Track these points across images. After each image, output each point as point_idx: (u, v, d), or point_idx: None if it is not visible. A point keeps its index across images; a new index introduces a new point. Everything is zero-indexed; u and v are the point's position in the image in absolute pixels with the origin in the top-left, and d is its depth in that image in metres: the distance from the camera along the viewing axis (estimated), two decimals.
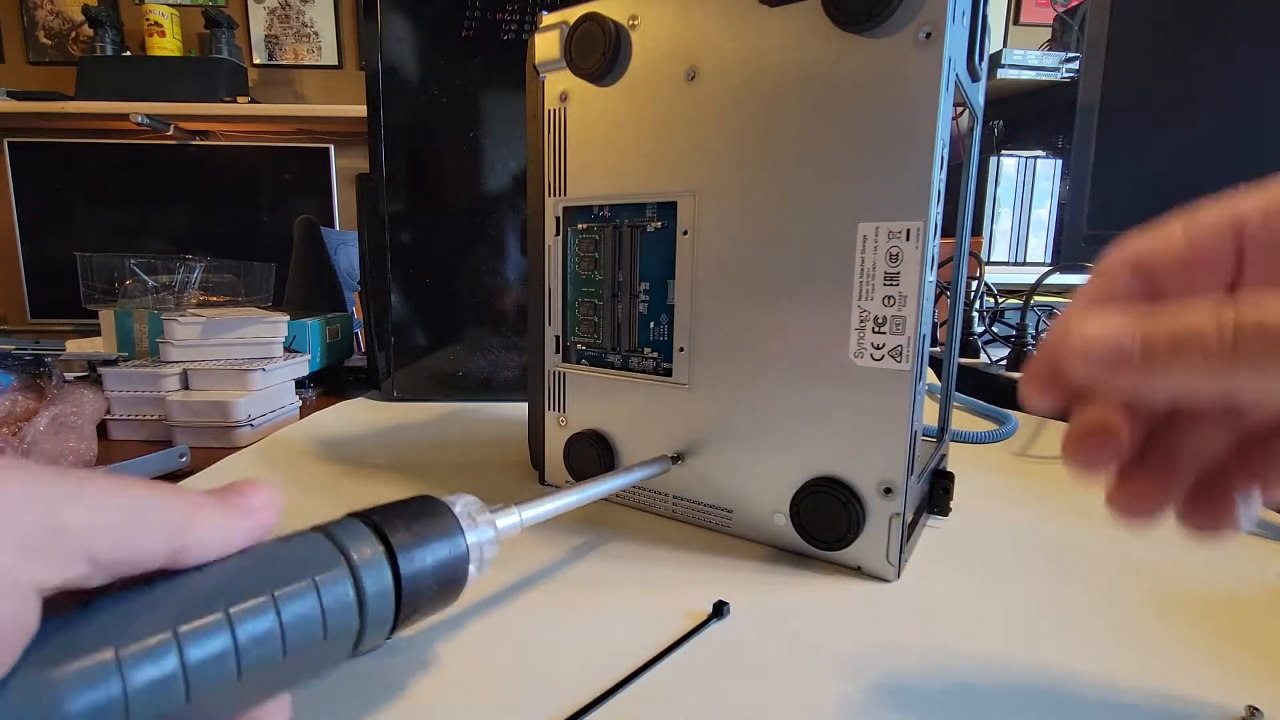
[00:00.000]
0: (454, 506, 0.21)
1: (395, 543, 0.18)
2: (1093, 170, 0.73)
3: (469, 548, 0.20)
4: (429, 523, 0.19)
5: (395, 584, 0.18)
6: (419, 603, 0.18)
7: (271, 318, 0.58)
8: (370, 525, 0.18)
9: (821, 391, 0.30)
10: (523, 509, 0.24)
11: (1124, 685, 0.22)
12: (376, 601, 0.17)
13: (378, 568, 0.17)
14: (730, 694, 0.22)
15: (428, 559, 0.19)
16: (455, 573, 0.20)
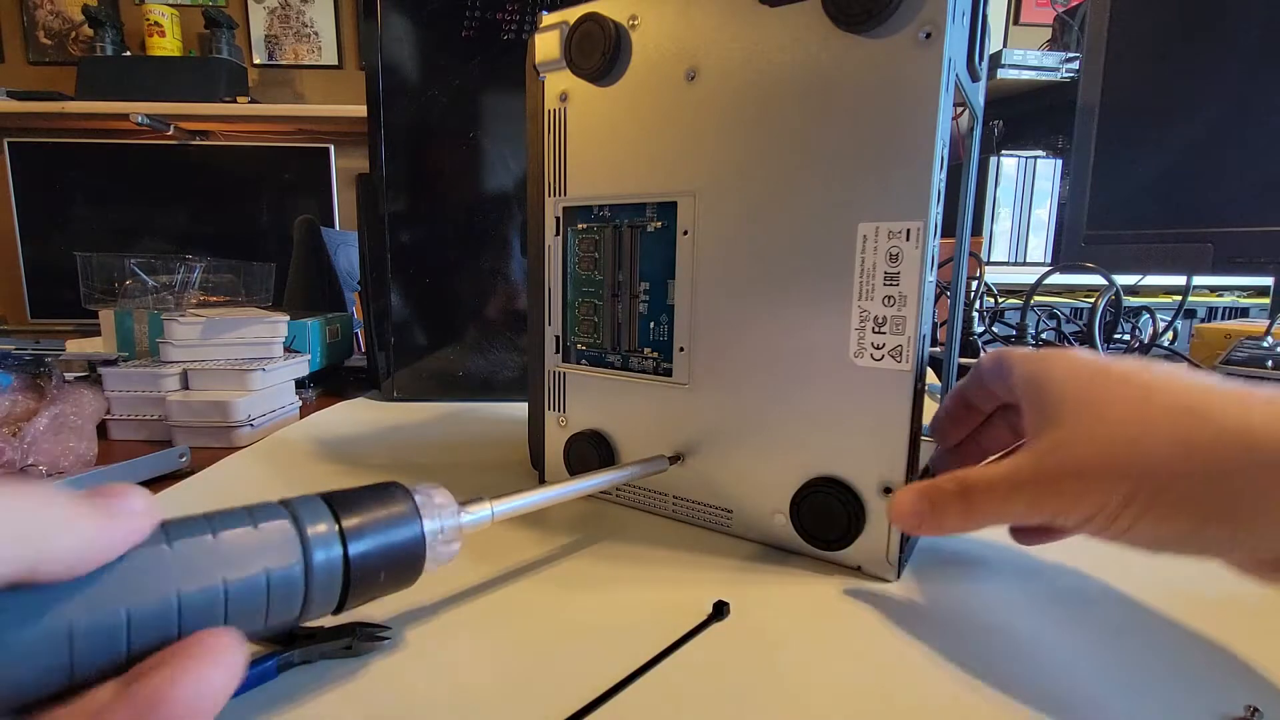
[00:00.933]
0: (415, 494, 0.22)
1: (346, 524, 0.19)
2: (1093, 170, 0.73)
3: (425, 534, 0.21)
4: (386, 508, 0.20)
5: (344, 562, 0.19)
6: (368, 583, 0.19)
7: (271, 318, 0.58)
8: (328, 504, 0.19)
9: (821, 391, 0.30)
10: (495, 503, 0.24)
11: (1124, 685, 0.22)
12: (322, 575, 0.18)
13: (328, 545, 0.18)
14: (730, 694, 0.22)
15: (379, 541, 0.20)
16: (408, 557, 0.21)
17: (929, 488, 0.25)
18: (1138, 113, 0.70)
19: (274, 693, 0.22)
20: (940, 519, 0.25)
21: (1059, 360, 0.24)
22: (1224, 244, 0.63)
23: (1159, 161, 0.68)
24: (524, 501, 0.26)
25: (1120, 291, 0.62)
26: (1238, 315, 1.58)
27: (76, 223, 1.93)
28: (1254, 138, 0.62)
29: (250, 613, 0.17)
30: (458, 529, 0.22)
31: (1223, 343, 0.58)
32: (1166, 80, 0.68)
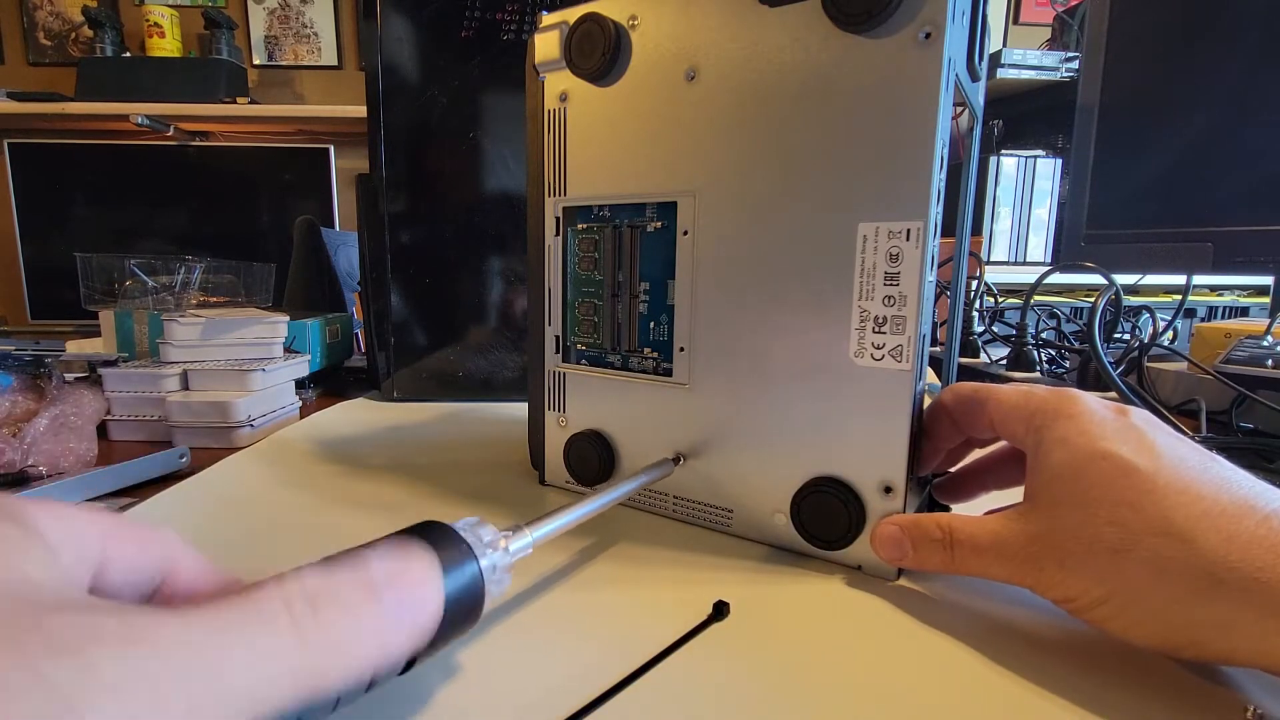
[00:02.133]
0: (463, 532, 0.20)
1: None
2: (1093, 170, 0.73)
3: (483, 573, 0.20)
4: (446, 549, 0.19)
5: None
6: (436, 636, 0.18)
7: (271, 318, 0.58)
8: None
9: (821, 391, 0.30)
10: (533, 528, 0.24)
11: (1124, 685, 0.22)
12: None
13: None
14: (730, 694, 0.22)
15: (450, 587, 0.18)
16: (472, 601, 0.19)
17: (915, 526, 0.27)
18: (1138, 113, 0.70)
19: None
20: (920, 560, 0.27)
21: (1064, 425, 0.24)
22: (1224, 244, 0.63)
23: (1159, 161, 0.68)
24: (560, 523, 0.26)
25: (1120, 291, 0.62)
26: (1238, 315, 1.58)
27: (76, 223, 1.93)
28: (1254, 138, 0.62)
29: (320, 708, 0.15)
30: (509, 564, 0.22)
31: (1223, 342, 0.58)
32: (1166, 80, 0.68)
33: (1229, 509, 0.20)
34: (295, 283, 0.89)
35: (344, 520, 0.36)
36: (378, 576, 0.15)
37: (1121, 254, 0.71)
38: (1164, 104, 0.68)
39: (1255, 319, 0.66)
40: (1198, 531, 0.20)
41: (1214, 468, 0.22)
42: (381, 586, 0.15)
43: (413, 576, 0.15)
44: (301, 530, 0.35)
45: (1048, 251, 1.57)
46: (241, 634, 0.12)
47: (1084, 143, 0.74)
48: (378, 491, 0.40)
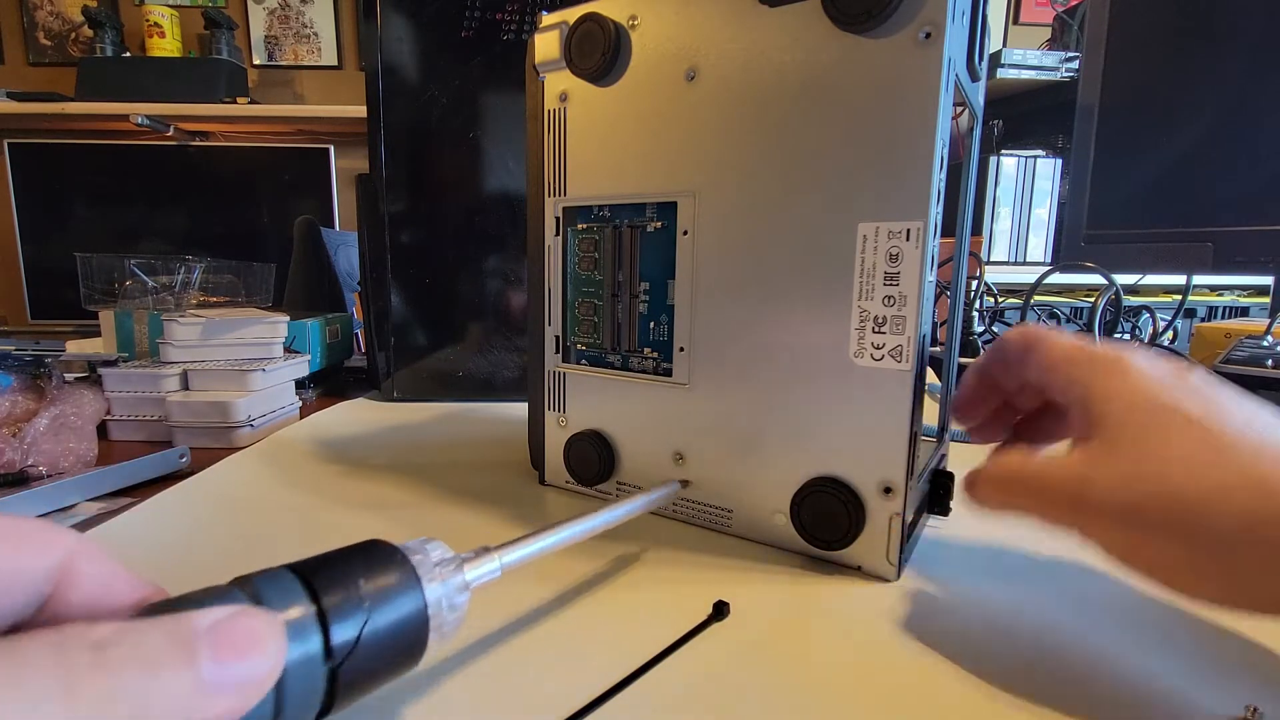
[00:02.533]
0: (411, 555, 0.17)
1: (326, 601, 0.15)
2: (1093, 170, 0.73)
3: (429, 605, 0.17)
4: (377, 576, 0.16)
5: (325, 650, 0.14)
6: (358, 676, 0.15)
7: (271, 318, 0.58)
8: (300, 578, 0.15)
9: (821, 391, 0.30)
10: (502, 553, 0.21)
11: (1124, 684, 0.22)
12: (298, 674, 0.14)
13: (305, 634, 0.14)
14: (730, 694, 0.22)
15: (373, 621, 0.15)
16: (408, 638, 0.16)
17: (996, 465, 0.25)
18: (1137, 113, 0.70)
19: None
20: (992, 493, 0.25)
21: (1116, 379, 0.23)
22: (1224, 244, 0.63)
23: (1159, 161, 0.68)
24: (534, 547, 0.23)
25: (1120, 291, 0.62)
26: (1238, 315, 1.58)
27: (76, 223, 1.93)
28: (1254, 138, 0.62)
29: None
30: (465, 588, 0.19)
31: (1223, 342, 0.58)
32: (1166, 80, 0.68)
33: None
34: (295, 283, 0.89)
35: (344, 520, 0.36)
36: (196, 626, 0.12)
37: (1121, 254, 0.71)
38: (1164, 104, 0.68)
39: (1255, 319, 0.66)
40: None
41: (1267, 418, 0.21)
42: (196, 639, 0.12)
43: (239, 630, 0.13)
44: (302, 530, 0.35)
45: (1048, 251, 1.57)
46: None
47: (1084, 143, 0.74)
48: (378, 491, 0.40)
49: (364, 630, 0.15)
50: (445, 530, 0.35)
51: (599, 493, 0.39)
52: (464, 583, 0.19)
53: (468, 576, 0.19)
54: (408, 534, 0.34)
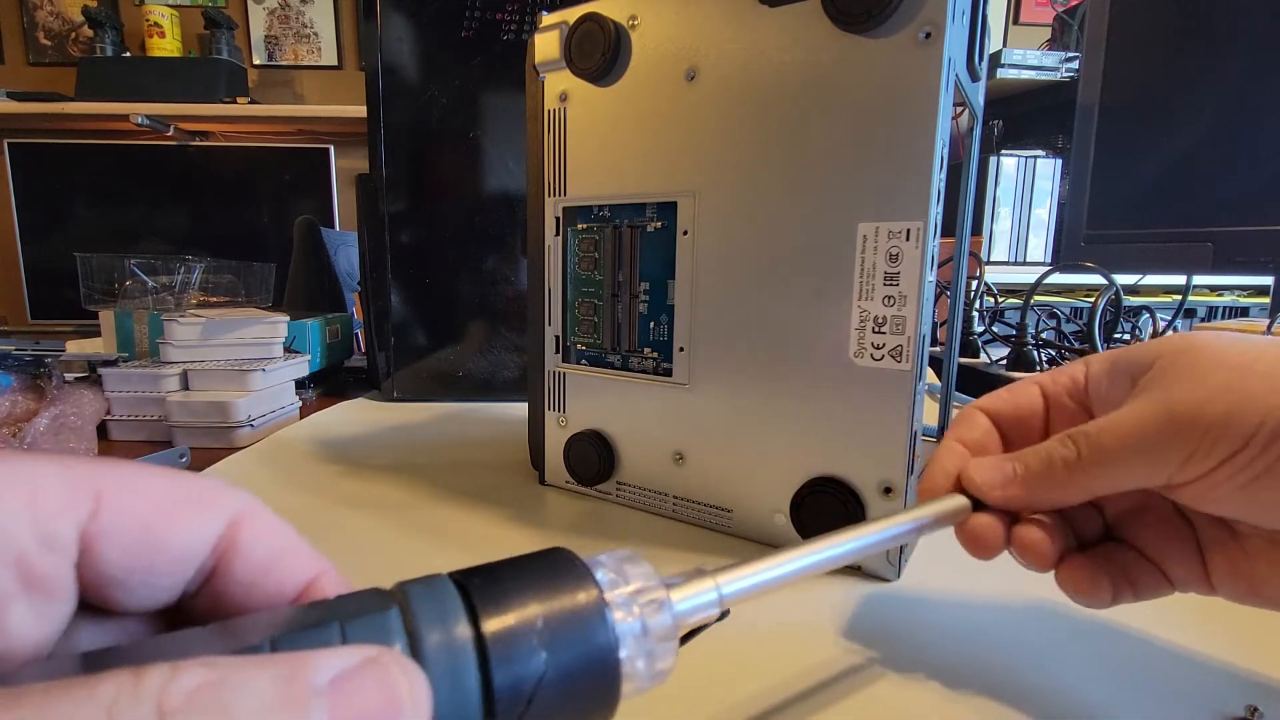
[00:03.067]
0: (596, 569, 0.13)
1: (488, 631, 0.11)
2: (1093, 170, 0.73)
3: (618, 641, 0.12)
4: (555, 595, 0.12)
5: (486, 695, 0.11)
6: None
7: (271, 318, 0.58)
8: (463, 592, 0.12)
9: (821, 391, 0.30)
10: (720, 578, 0.16)
11: (1124, 684, 0.22)
12: (448, 708, 0.11)
13: (456, 666, 0.11)
14: (730, 694, 0.22)
15: (548, 662, 0.11)
16: (592, 690, 0.12)
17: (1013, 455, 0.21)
18: (1138, 113, 0.70)
19: None
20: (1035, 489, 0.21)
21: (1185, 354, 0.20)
22: (1224, 244, 0.63)
23: (1159, 161, 0.68)
24: (764, 577, 0.17)
25: (1120, 291, 0.62)
26: (1238, 315, 1.57)
27: (76, 223, 1.93)
28: (1254, 138, 0.62)
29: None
30: (673, 628, 0.14)
31: None
32: (1166, 80, 0.68)
33: None
34: (295, 283, 0.89)
35: (345, 520, 0.36)
36: (314, 682, 0.09)
37: (1121, 254, 0.71)
38: (1164, 104, 0.68)
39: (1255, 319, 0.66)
40: None
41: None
42: (311, 696, 0.09)
43: (367, 691, 0.10)
44: (301, 530, 0.35)
45: (1048, 251, 1.57)
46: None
47: (1084, 143, 0.74)
48: (378, 491, 0.40)
49: (542, 679, 0.11)
50: (445, 530, 0.35)
51: (599, 493, 0.39)
52: (672, 620, 0.13)
53: (678, 610, 0.14)
54: (408, 534, 0.34)
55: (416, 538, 0.34)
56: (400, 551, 0.32)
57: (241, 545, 0.13)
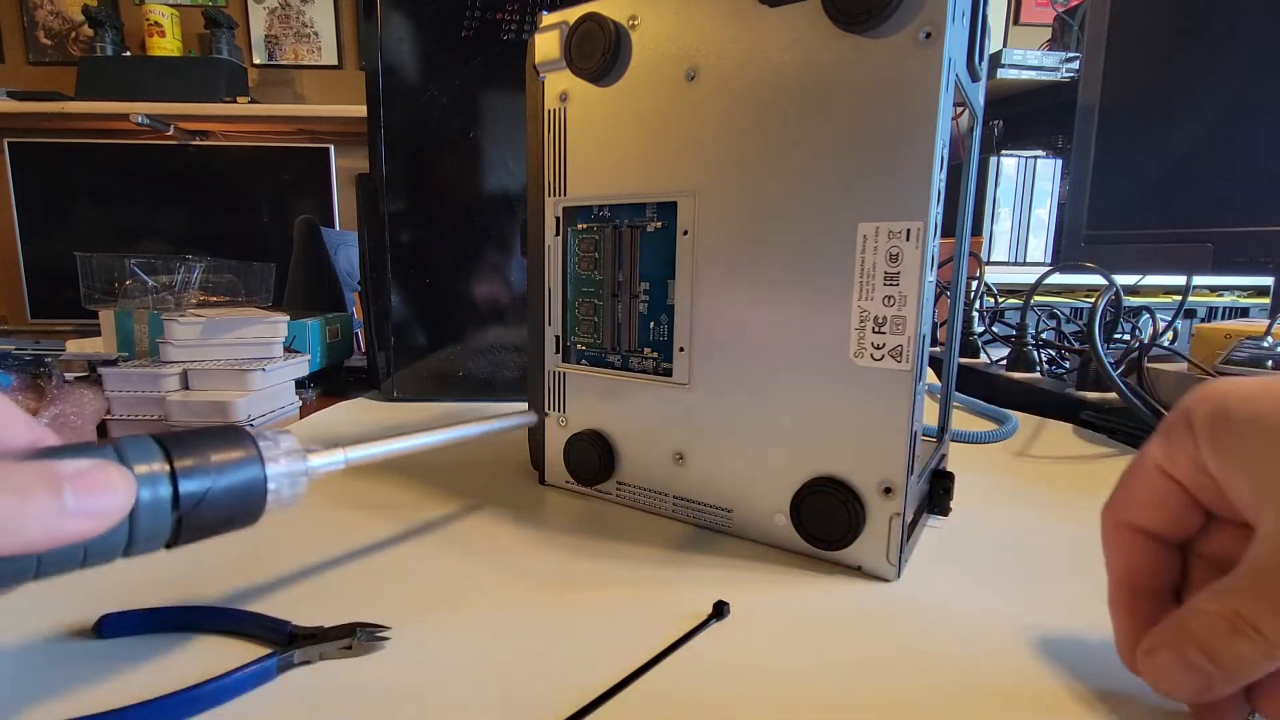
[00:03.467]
0: (260, 440, 0.22)
1: (179, 465, 0.19)
2: (1093, 170, 0.73)
3: (268, 479, 0.21)
4: (223, 449, 0.20)
5: (173, 499, 0.19)
6: (202, 522, 0.20)
7: (271, 318, 0.58)
8: (159, 444, 0.19)
9: (821, 391, 0.30)
10: (349, 450, 0.26)
11: (1123, 684, 0.22)
12: (149, 516, 0.18)
13: (155, 483, 0.19)
14: (730, 694, 0.22)
15: (214, 482, 0.20)
16: (247, 497, 0.21)
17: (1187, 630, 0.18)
18: (1138, 113, 0.70)
19: (274, 693, 0.22)
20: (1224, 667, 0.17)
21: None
22: (1224, 244, 0.63)
23: (1159, 161, 0.68)
24: (380, 450, 0.27)
25: (1120, 291, 0.62)
26: (1238, 315, 1.58)
27: (76, 223, 1.93)
28: (1254, 138, 0.62)
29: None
30: (305, 473, 0.23)
31: (1223, 343, 0.58)
32: (1166, 80, 0.68)
33: None
34: (295, 282, 0.89)
35: (344, 520, 0.36)
36: (62, 471, 0.16)
37: (1121, 254, 0.71)
38: (1164, 104, 0.68)
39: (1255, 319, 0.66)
40: None
41: None
42: (62, 480, 0.16)
43: (96, 477, 0.17)
44: (301, 530, 0.35)
45: (1048, 251, 1.57)
46: None
47: (1084, 143, 0.74)
48: (378, 491, 0.40)
49: (209, 491, 0.20)
50: (445, 530, 0.35)
51: (599, 493, 0.39)
52: (306, 469, 0.23)
53: (311, 464, 0.23)
54: (408, 534, 0.34)
55: (416, 538, 0.34)
56: (401, 552, 0.32)
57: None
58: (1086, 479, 0.44)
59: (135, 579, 0.28)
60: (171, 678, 0.22)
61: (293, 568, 0.30)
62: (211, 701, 0.21)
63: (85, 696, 0.21)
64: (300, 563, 0.30)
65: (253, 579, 0.29)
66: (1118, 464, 0.47)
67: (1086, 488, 0.43)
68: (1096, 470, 0.46)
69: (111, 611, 0.25)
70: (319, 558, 0.31)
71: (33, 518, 0.15)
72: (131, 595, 0.27)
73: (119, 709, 0.20)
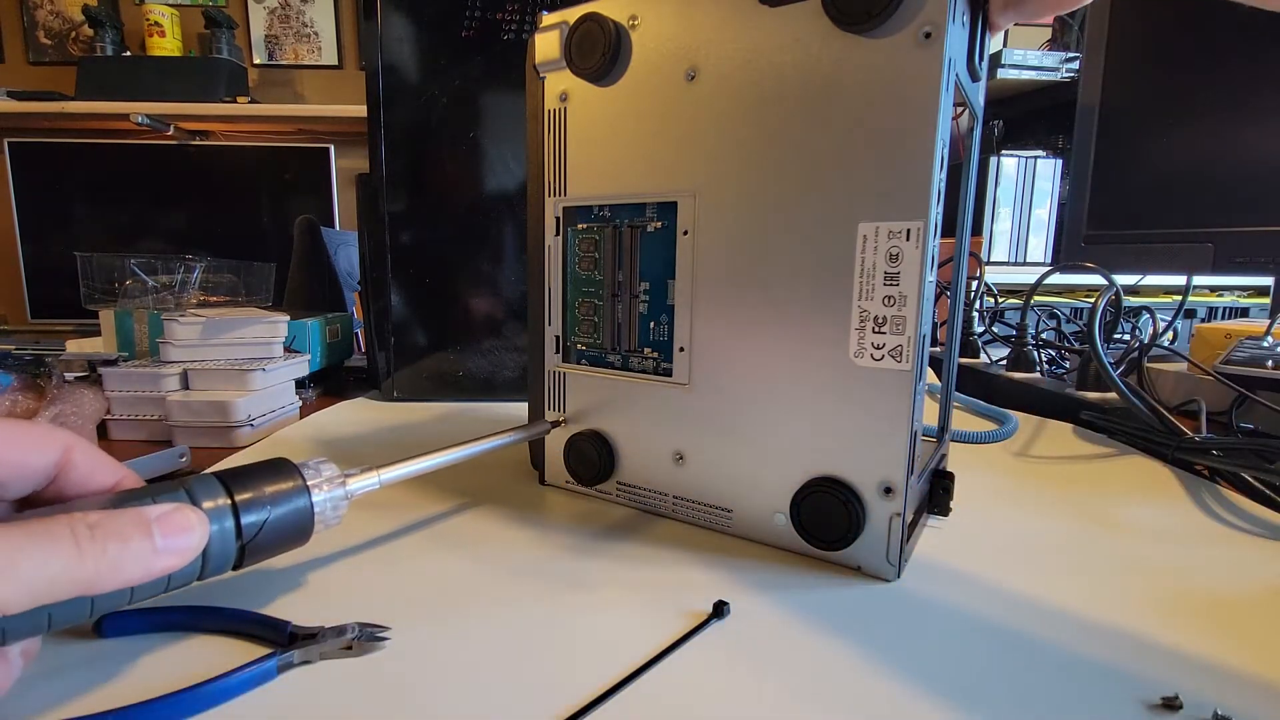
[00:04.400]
0: (304, 469, 0.25)
1: (239, 499, 0.22)
2: (1093, 170, 0.73)
3: (314, 505, 0.24)
4: (275, 482, 0.23)
5: (236, 530, 0.22)
6: (260, 548, 0.23)
7: (271, 318, 0.58)
8: (221, 482, 0.22)
9: (821, 391, 0.30)
10: (382, 471, 0.28)
11: (1124, 684, 0.22)
12: (218, 546, 0.21)
13: (222, 518, 0.22)
14: (730, 694, 0.22)
15: (270, 513, 0.23)
16: (297, 527, 0.24)
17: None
18: (1138, 112, 0.70)
19: (274, 693, 0.22)
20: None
21: None
22: (1224, 244, 0.63)
23: (1159, 161, 0.68)
24: (410, 469, 0.29)
25: (1120, 291, 0.62)
26: (1238, 315, 1.58)
27: (76, 223, 1.93)
28: (1254, 138, 0.62)
29: (153, 582, 0.20)
30: (345, 498, 0.26)
31: (1223, 343, 0.58)
32: (1167, 80, 0.68)
33: None
34: (295, 282, 0.89)
35: (345, 519, 0.36)
36: (150, 516, 0.19)
37: (1121, 254, 0.71)
38: (1164, 104, 0.68)
39: (1255, 319, 0.66)
40: None
41: None
42: (151, 524, 0.19)
43: (178, 520, 0.20)
44: None
45: (1048, 252, 1.57)
46: (36, 544, 0.17)
47: (1084, 143, 0.74)
48: (378, 491, 0.40)
49: (266, 521, 0.23)
50: (446, 530, 0.35)
51: (599, 493, 0.39)
52: (346, 493, 0.26)
53: (350, 488, 0.26)
54: (408, 534, 0.34)
55: (417, 538, 0.34)
56: (401, 552, 0.32)
57: (74, 460, 0.22)
58: (1086, 479, 0.44)
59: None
60: (171, 678, 0.22)
61: (292, 567, 0.30)
62: (211, 701, 0.21)
63: (85, 696, 0.21)
64: (299, 562, 0.30)
65: (253, 579, 0.29)
66: (1118, 464, 0.47)
67: (1086, 488, 0.43)
68: (1096, 470, 0.46)
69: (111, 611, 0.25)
70: (319, 557, 0.31)
71: (130, 559, 0.18)
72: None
73: (119, 709, 0.20)
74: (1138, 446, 0.50)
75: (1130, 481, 0.44)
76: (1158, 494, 0.42)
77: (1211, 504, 0.40)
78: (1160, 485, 0.43)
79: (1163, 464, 0.47)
